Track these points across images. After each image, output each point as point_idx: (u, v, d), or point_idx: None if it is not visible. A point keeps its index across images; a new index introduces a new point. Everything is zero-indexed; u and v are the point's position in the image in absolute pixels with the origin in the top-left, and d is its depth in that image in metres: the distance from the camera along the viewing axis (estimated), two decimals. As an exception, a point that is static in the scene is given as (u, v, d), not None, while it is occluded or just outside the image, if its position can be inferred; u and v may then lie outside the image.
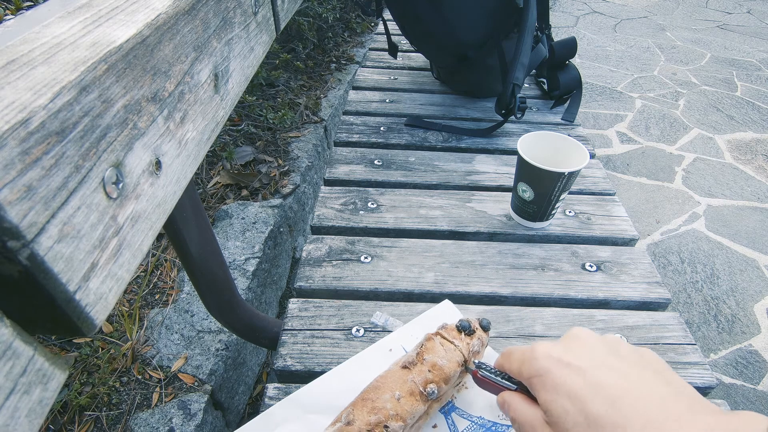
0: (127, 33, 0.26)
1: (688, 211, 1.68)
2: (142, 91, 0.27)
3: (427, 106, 1.02)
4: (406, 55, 1.25)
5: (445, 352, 0.42)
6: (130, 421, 0.76)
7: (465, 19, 0.87)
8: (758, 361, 1.21)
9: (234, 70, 0.41)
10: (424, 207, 0.75)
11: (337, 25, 2.14)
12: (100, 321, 0.23)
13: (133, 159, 0.26)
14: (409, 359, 0.43)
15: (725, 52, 2.94)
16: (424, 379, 0.41)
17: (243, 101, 1.49)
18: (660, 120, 2.20)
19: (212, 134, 0.37)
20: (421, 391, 0.40)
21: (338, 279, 0.62)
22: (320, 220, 0.71)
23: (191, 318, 0.91)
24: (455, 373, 0.42)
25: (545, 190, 0.65)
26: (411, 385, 0.40)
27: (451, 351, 0.42)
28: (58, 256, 0.20)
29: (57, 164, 0.20)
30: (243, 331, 0.69)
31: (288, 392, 0.50)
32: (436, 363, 0.41)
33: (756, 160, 1.96)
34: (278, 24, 0.55)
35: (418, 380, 0.41)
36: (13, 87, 0.19)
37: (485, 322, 0.46)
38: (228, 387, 0.89)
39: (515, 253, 0.67)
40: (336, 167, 0.83)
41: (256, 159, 1.35)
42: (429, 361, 0.42)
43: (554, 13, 3.47)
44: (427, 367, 0.41)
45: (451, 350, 0.42)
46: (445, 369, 0.41)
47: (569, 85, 1.04)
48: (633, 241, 0.71)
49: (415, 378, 0.41)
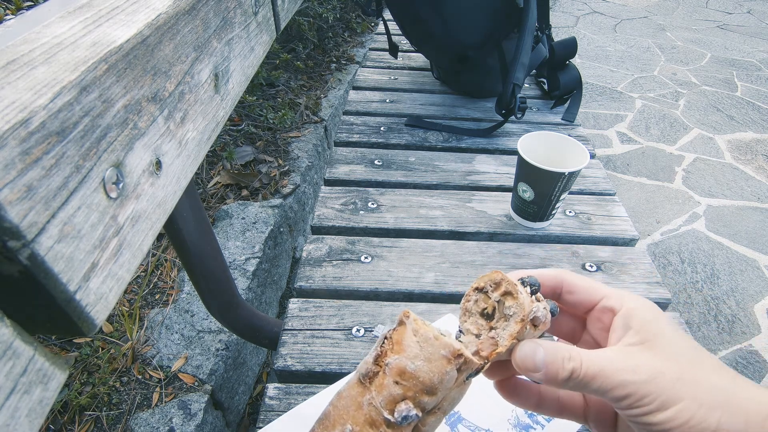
0: (128, 33, 0.26)
1: (689, 211, 1.68)
2: (142, 91, 0.27)
3: (427, 106, 1.02)
4: (406, 55, 1.25)
5: (421, 344, 0.26)
6: (130, 421, 0.76)
7: (465, 19, 0.87)
8: (758, 361, 1.21)
9: (234, 70, 0.41)
10: (425, 207, 0.74)
11: (338, 25, 2.14)
12: (100, 321, 0.23)
13: (134, 159, 0.26)
14: (363, 367, 0.28)
15: (725, 52, 2.94)
16: (389, 397, 0.26)
17: (243, 101, 1.49)
18: (660, 120, 2.20)
19: (212, 134, 0.37)
20: (386, 419, 0.26)
21: (338, 279, 0.62)
22: (320, 220, 0.71)
23: (191, 318, 0.91)
24: (446, 374, 0.26)
25: (545, 190, 0.65)
26: (368, 412, 0.27)
27: (432, 343, 0.26)
28: (58, 256, 0.20)
29: (57, 164, 0.20)
30: (243, 331, 0.69)
31: (288, 392, 0.50)
32: (404, 369, 0.26)
33: (756, 160, 1.96)
34: (278, 24, 0.55)
35: (379, 401, 0.26)
36: (14, 87, 0.19)
37: (553, 306, 0.30)
38: (228, 387, 0.89)
39: (515, 253, 0.67)
40: (336, 167, 0.83)
41: (256, 159, 1.35)
42: (393, 368, 0.26)
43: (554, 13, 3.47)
44: (391, 377, 0.26)
45: (431, 341, 0.26)
46: (421, 374, 0.26)
47: (569, 85, 1.04)
48: (633, 241, 0.71)
49: (374, 398, 0.27)
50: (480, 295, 0.29)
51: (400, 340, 0.27)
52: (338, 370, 0.52)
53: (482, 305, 0.29)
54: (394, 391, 0.26)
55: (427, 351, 0.26)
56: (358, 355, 0.53)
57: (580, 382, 0.25)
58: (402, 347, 0.27)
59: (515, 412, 0.48)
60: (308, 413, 0.46)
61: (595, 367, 0.24)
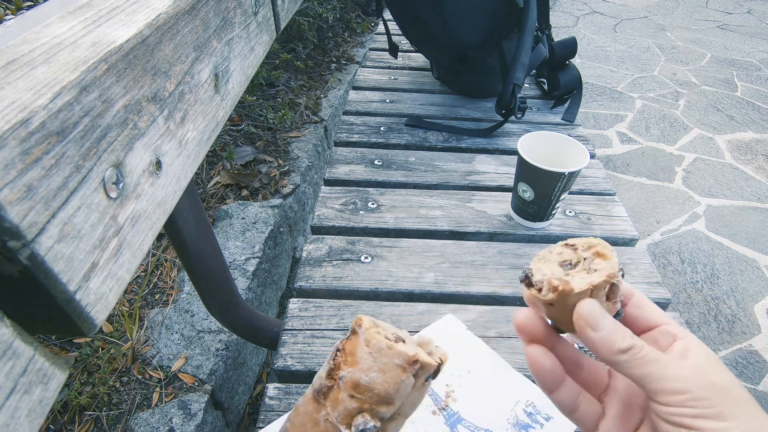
0: (128, 33, 0.26)
1: (688, 211, 1.68)
2: (142, 91, 0.27)
3: (427, 106, 1.02)
4: (406, 55, 1.25)
5: (374, 355, 0.25)
6: (130, 421, 0.76)
7: (465, 19, 0.87)
8: (758, 361, 1.21)
9: (234, 70, 0.41)
10: (425, 207, 0.75)
11: (337, 25, 2.14)
12: (100, 321, 0.23)
13: (134, 159, 0.26)
14: (317, 382, 0.27)
15: (725, 52, 2.94)
16: (345, 411, 0.26)
17: (243, 101, 1.49)
18: (660, 120, 2.20)
19: (212, 134, 0.37)
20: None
21: (338, 279, 0.62)
22: (320, 220, 0.71)
23: (191, 318, 0.91)
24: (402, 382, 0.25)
25: (545, 190, 0.65)
26: (326, 428, 0.26)
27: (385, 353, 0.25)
28: (58, 256, 0.20)
29: (57, 164, 0.20)
30: (243, 331, 0.69)
31: (288, 392, 0.50)
32: (358, 382, 0.25)
33: (756, 160, 1.96)
34: (278, 24, 0.55)
35: (335, 417, 0.26)
36: (14, 87, 0.19)
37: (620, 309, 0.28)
38: (228, 387, 0.89)
39: (515, 253, 0.67)
40: (336, 167, 0.83)
41: (256, 159, 1.35)
42: (348, 381, 0.26)
43: (554, 13, 3.47)
44: (346, 391, 0.26)
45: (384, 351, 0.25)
46: (376, 386, 0.25)
47: (569, 85, 1.04)
48: (633, 241, 0.71)
49: (330, 414, 0.26)
50: (567, 249, 0.29)
51: (354, 351, 0.26)
52: (338, 370, 0.52)
53: (566, 257, 0.28)
54: (350, 405, 0.25)
55: (381, 362, 0.25)
56: (358, 355, 0.53)
57: (634, 362, 0.24)
58: (355, 359, 0.26)
59: (514, 412, 0.48)
60: None
61: (656, 354, 0.24)
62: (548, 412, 0.48)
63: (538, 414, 0.48)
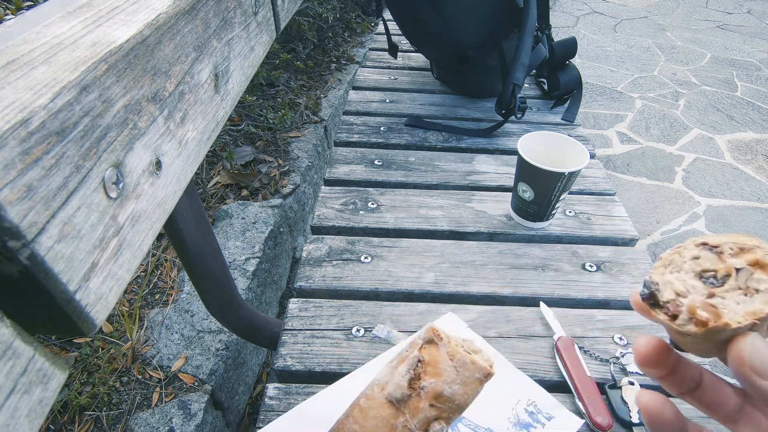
0: (128, 33, 0.26)
1: (688, 211, 1.68)
2: (142, 91, 0.27)
3: (427, 106, 1.02)
4: (406, 55, 1.25)
5: (458, 369, 0.27)
6: (130, 421, 0.76)
7: (465, 19, 0.87)
8: (758, 361, 1.21)
9: (234, 70, 0.41)
10: (424, 207, 0.75)
11: (337, 25, 2.14)
12: (100, 321, 0.23)
13: (134, 159, 0.26)
14: (398, 391, 0.28)
15: (725, 52, 2.94)
16: (424, 419, 0.27)
17: (243, 101, 1.49)
18: (660, 120, 2.20)
19: (212, 134, 0.37)
20: None
21: (338, 279, 0.62)
22: (320, 220, 0.71)
23: (191, 318, 0.91)
24: (477, 393, 0.28)
25: (545, 190, 0.65)
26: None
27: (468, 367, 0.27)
28: (58, 256, 0.20)
29: (57, 164, 0.20)
30: (243, 331, 0.69)
31: (288, 392, 0.50)
32: (441, 393, 0.26)
33: (756, 160, 1.96)
34: (278, 24, 0.55)
35: (414, 423, 0.27)
36: (14, 87, 0.19)
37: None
38: (228, 387, 0.89)
39: (515, 253, 0.67)
40: (336, 167, 0.83)
41: (256, 159, 1.35)
42: (429, 391, 0.27)
43: (554, 13, 3.47)
44: (427, 400, 0.27)
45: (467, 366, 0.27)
46: (457, 397, 0.27)
47: (569, 85, 1.04)
48: (633, 241, 0.71)
49: (409, 421, 0.27)
50: (708, 253, 0.22)
51: (435, 363, 0.27)
52: (338, 370, 0.52)
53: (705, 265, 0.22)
54: (430, 413, 0.27)
55: (464, 375, 0.27)
56: (358, 355, 0.53)
57: None
58: (438, 371, 0.27)
59: (515, 411, 0.48)
60: (309, 412, 0.46)
61: None
62: (550, 411, 0.48)
63: (540, 413, 0.48)
